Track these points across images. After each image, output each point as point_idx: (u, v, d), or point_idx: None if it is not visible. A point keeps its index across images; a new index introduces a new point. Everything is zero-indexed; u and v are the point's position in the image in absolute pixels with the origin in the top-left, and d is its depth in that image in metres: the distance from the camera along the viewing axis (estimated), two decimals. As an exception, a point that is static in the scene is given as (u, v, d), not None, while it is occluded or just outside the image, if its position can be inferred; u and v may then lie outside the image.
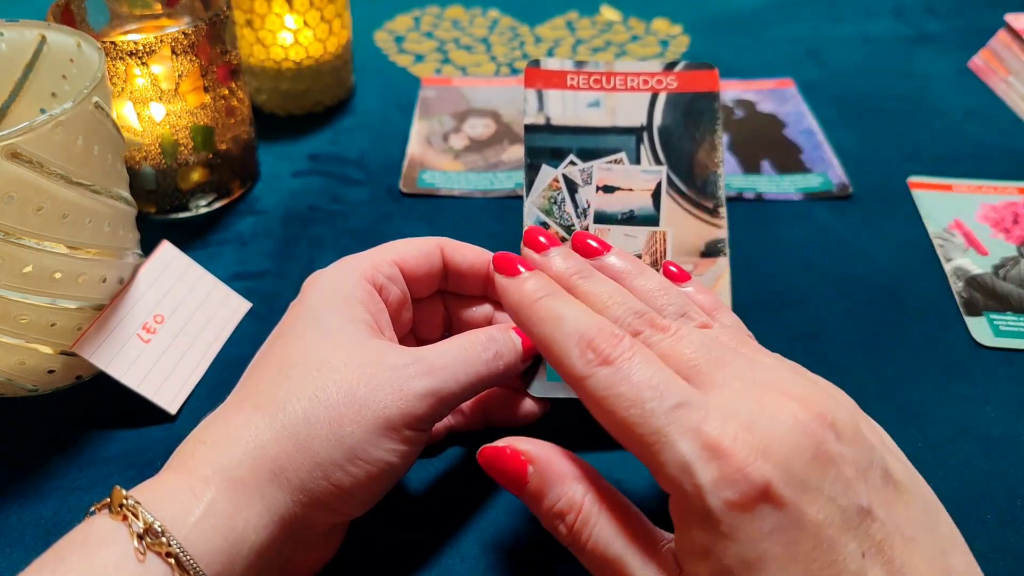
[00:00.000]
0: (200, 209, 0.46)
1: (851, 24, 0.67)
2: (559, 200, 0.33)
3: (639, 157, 0.34)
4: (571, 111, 0.35)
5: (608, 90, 0.35)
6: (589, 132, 0.34)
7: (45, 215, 0.29)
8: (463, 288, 0.33)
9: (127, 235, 0.35)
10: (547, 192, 0.33)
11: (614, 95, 0.35)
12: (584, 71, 0.35)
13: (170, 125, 0.42)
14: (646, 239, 0.33)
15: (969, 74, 0.60)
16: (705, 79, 0.36)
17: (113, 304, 0.34)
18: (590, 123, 0.34)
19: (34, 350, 0.32)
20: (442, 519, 0.31)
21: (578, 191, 0.33)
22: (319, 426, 0.24)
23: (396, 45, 0.65)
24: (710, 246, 0.34)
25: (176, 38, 0.39)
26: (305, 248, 0.44)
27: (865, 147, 0.52)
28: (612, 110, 0.35)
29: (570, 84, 0.35)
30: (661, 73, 0.36)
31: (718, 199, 0.34)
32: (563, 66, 0.35)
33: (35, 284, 0.31)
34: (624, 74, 0.35)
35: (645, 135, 0.34)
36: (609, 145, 0.34)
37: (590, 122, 0.34)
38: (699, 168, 0.34)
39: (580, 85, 0.35)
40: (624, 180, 0.34)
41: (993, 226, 0.45)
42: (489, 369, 0.28)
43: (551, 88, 0.35)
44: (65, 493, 0.32)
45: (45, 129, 0.28)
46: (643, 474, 0.32)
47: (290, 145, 0.52)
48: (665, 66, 0.36)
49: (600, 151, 0.34)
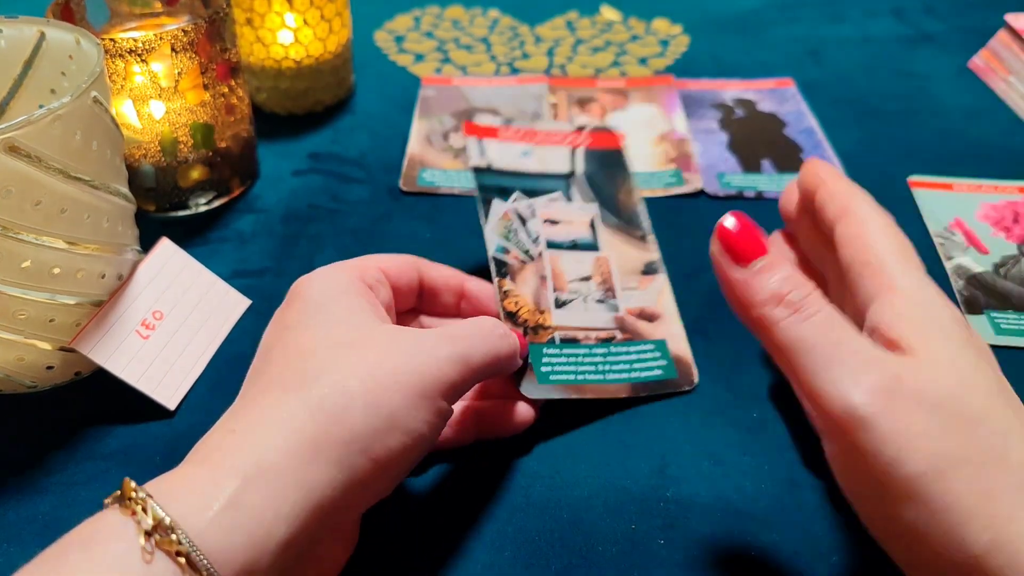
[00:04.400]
0: (200, 207, 0.46)
1: (851, 24, 0.67)
2: (513, 229, 0.37)
3: (571, 196, 0.39)
4: (508, 158, 0.40)
5: (535, 143, 0.41)
6: (527, 176, 0.39)
7: (44, 210, 0.29)
8: (437, 306, 0.34)
9: (126, 231, 0.34)
10: (502, 222, 0.37)
11: (541, 147, 0.40)
12: (512, 127, 0.41)
13: (170, 123, 0.42)
14: (592, 263, 0.37)
15: (969, 74, 0.60)
16: (611, 139, 0.43)
17: (112, 300, 0.34)
18: (526, 169, 0.39)
19: (33, 346, 0.32)
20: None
21: (527, 222, 0.38)
22: (356, 397, 0.24)
23: (396, 45, 0.65)
24: (647, 266, 0.39)
25: (176, 35, 0.39)
26: (305, 247, 0.44)
27: (865, 146, 0.51)
28: (542, 159, 0.40)
29: (502, 136, 0.40)
30: (574, 133, 0.42)
31: (644, 229, 0.40)
32: (494, 122, 0.41)
33: (34, 279, 0.30)
34: (545, 132, 0.41)
35: (572, 179, 0.40)
36: (545, 186, 0.39)
37: (526, 168, 0.39)
38: (623, 206, 0.40)
39: (511, 137, 0.40)
40: (563, 215, 0.38)
41: (993, 225, 0.45)
42: (503, 345, 0.29)
43: (488, 138, 0.40)
44: (63, 489, 0.31)
45: (44, 123, 0.28)
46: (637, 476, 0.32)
47: (290, 144, 0.52)
48: (576, 128, 0.42)
49: (539, 191, 0.39)
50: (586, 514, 0.30)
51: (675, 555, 0.29)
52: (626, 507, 0.30)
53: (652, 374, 0.35)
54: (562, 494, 0.31)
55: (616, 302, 0.36)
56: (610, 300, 0.36)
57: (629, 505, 0.31)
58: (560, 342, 0.34)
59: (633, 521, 0.30)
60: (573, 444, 0.33)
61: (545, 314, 0.35)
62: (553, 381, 0.33)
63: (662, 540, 0.29)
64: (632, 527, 0.30)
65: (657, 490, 0.31)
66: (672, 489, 0.31)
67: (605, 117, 0.54)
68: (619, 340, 0.35)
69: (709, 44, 0.64)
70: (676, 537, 0.29)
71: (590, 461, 0.32)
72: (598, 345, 0.34)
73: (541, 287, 0.36)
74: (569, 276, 0.36)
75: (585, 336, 0.35)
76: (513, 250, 0.36)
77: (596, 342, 0.35)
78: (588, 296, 0.36)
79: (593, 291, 0.36)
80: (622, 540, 0.29)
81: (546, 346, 0.34)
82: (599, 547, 0.29)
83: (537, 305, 0.35)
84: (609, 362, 0.34)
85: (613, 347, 0.35)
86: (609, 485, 0.31)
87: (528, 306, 0.35)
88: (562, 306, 0.36)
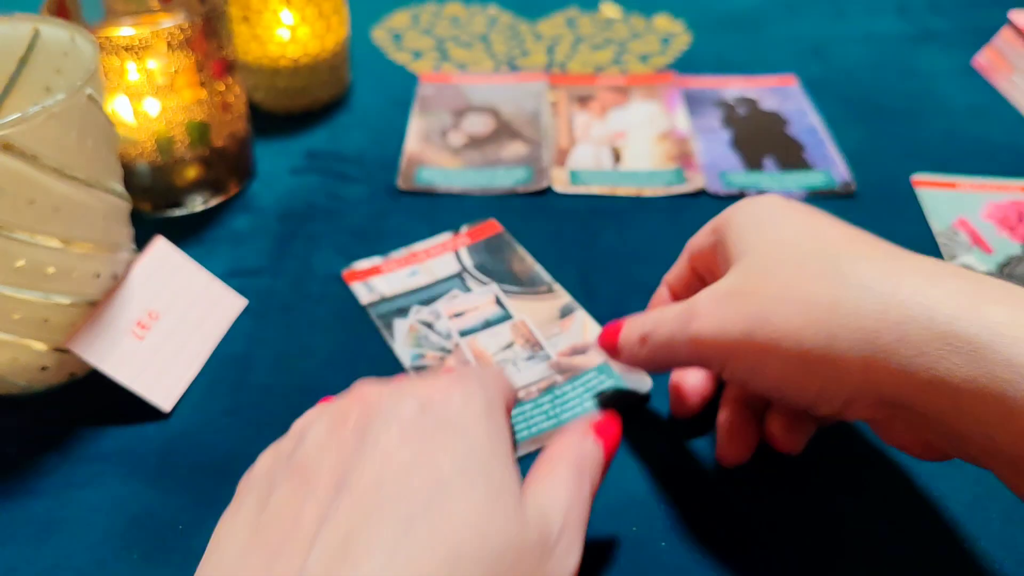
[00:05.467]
0: (196, 206, 0.45)
1: (854, 21, 0.67)
2: (423, 335, 0.38)
3: (468, 288, 0.40)
4: (397, 284, 0.41)
5: (419, 263, 0.42)
6: (420, 290, 0.40)
7: (38, 208, 0.29)
8: None
9: (121, 230, 0.34)
10: (410, 335, 0.38)
11: (425, 263, 0.42)
12: (391, 258, 0.42)
13: (165, 121, 0.41)
14: (510, 330, 0.38)
15: (974, 72, 0.59)
16: (489, 227, 0.44)
17: (107, 300, 0.34)
18: (418, 286, 0.41)
19: (27, 347, 0.32)
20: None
21: (434, 325, 0.38)
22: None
23: (394, 42, 0.64)
24: (563, 310, 0.39)
25: (172, 32, 0.39)
26: (302, 246, 0.43)
27: (869, 145, 0.51)
28: (429, 271, 0.41)
29: (385, 270, 0.41)
30: (452, 238, 0.43)
31: (547, 282, 0.41)
32: (372, 263, 0.42)
33: (28, 279, 0.30)
34: (425, 249, 0.43)
35: (464, 274, 0.41)
36: (441, 291, 0.40)
37: (417, 285, 0.41)
38: (519, 274, 0.41)
39: (394, 267, 0.42)
40: (467, 305, 0.39)
41: (998, 224, 0.44)
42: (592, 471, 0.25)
43: (372, 277, 0.41)
44: (58, 491, 0.31)
45: (38, 121, 0.27)
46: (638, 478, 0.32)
47: (287, 142, 0.52)
48: (453, 233, 0.44)
49: (435, 296, 0.40)
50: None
51: (677, 558, 0.29)
52: (627, 509, 0.30)
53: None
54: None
55: (545, 352, 0.37)
56: (538, 353, 0.37)
57: (630, 507, 0.30)
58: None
59: (634, 523, 0.30)
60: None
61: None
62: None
63: (664, 543, 0.29)
64: (633, 529, 0.30)
65: (659, 492, 0.31)
66: (674, 491, 0.31)
67: (605, 115, 0.54)
68: (561, 383, 0.35)
69: (711, 41, 0.64)
70: (678, 540, 0.29)
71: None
72: (542, 395, 0.35)
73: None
74: (492, 351, 0.37)
75: (527, 393, 0.35)
76: (429, 353, 0.37)
77: (539, 393, 0.35)
78: (516, 360, 0.37)
79: (520, 353, 0.37)
80: (623, 542, 0.29)
81: None
82: (600, 550, 0.29)
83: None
84: (557, 405, 0.34)
85: (557, 390, 0.35)
86: (610, 487, 0.31)
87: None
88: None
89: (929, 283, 0.24)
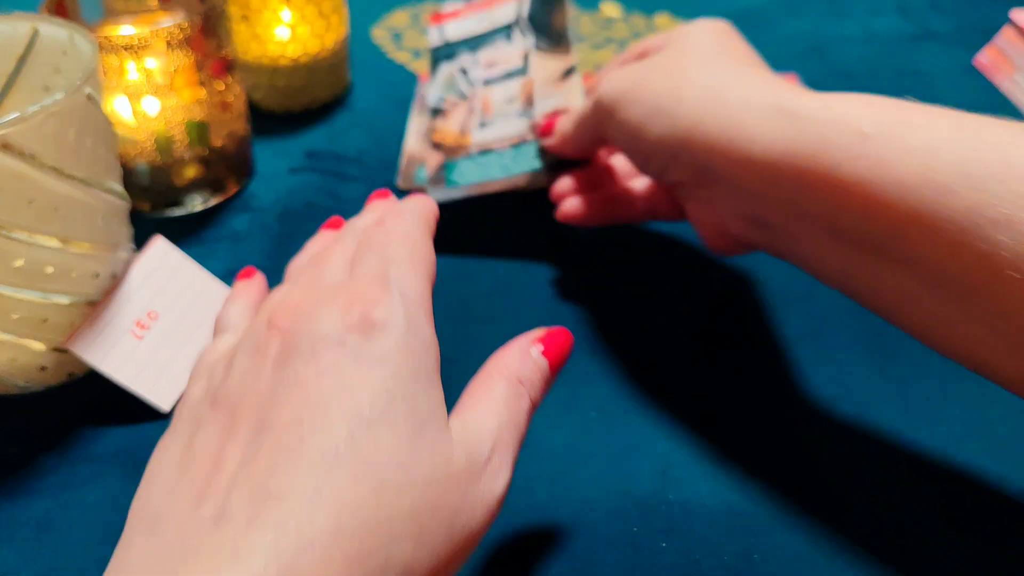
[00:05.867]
0: (195, 206, 0.45)
1: (855, 20, 0.67)
2: (455, 80, 0.44)
3: (511, 37, 0.45)
4: (464, 30, 0.46)
5: (489, 8, 0.47)
6: (476, 37, 0.46)
7: (36, 208, 0.29)
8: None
9: (120, 229, 0.34)
10: (445, 79, 0.44)
11: (493, 10, 0.47)
12: (472, 3, 0.48)
13: (164, 120, 0.41)
14: (519, 86, 0.43)
15: (975, 71, 0.59)
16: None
17: (106, 300, 0.33)
18: (476, 32, 0.46)
19: (26, 346, 0.32)
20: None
21: (468, 72, 0.44)
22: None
23: (394, 41, 0.64)
24: (566, 72, 0.43)
25: (171, 32, 0.38)
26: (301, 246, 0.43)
27: (869, 144, 0.51)
28: (492, 19, 0.46)
29: (463, 15, 0.47)
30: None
31: (568, 40, 0.44)
32: (456, 6, 0.48)
33: (26, 278, 0.30)
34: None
35: (516, 24, 0.46)
36: (491, 39, 0.45)
37: (477, 32, 0.46)
38: (554, 29, 0.45)
39: (469, 13, 0.47)
40: (501, 55, 0.45)
41: (999, 223, 0.44)
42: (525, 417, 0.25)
43: (449, 20, 0.47)
44: (57, 491, 0.31)
45: (37, 120, 0.27)
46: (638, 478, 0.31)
47: (286, 142, 0.52)
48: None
49: (484, 44, 0.45)
50: (587, 516, 0.30)
51: (677, 559, 0.29)
52: (627, 510, 0.30)
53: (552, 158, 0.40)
54: (563, 496, 0.31)
55: (532, 111, 0.41)
56: (527, 111, 0.41)
57: (631, 508, 0.30)
58: (476, 154, 0.41)
59: (635, 524, 0.30)
60: (574, 446, 0.33)
61: (466, 136, 0.41)
62: (459, 183, 0.40)
63: (664, 543, 0.29)
64: (634, 530, 0.29)
65: (659, 493, 0.31)
66: (674, 492, 0.31)
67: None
68: (529, 140, 0.40)
69: (711, 41, 0.64)
70: (678, 540, 0.29)
71: (591, 463, 0.32)
72: (509, 148, 0.40)
73: (468, 118, 0.42)
74: (497, 103, 0.42)
75: (500, 145, 0.40)
76: (450, 96, 0.43)
77: (509, 147, 0.40)
78: (509, 114, 0.41)
79: (516, 109, 0.41)
80: (623, 543, 0.29)
81: (461, 160, 0.40)
82: (600, 550, 0.29)
83: (461, 132, 0.42)
84: (516, 159, 0.39)
85: (524, 146, 0.40)
86: (610, 487, 0.31)
87: (452, 134, 0.42)
88: (484, 127, 0.42)
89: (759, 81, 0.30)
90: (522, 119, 0.40)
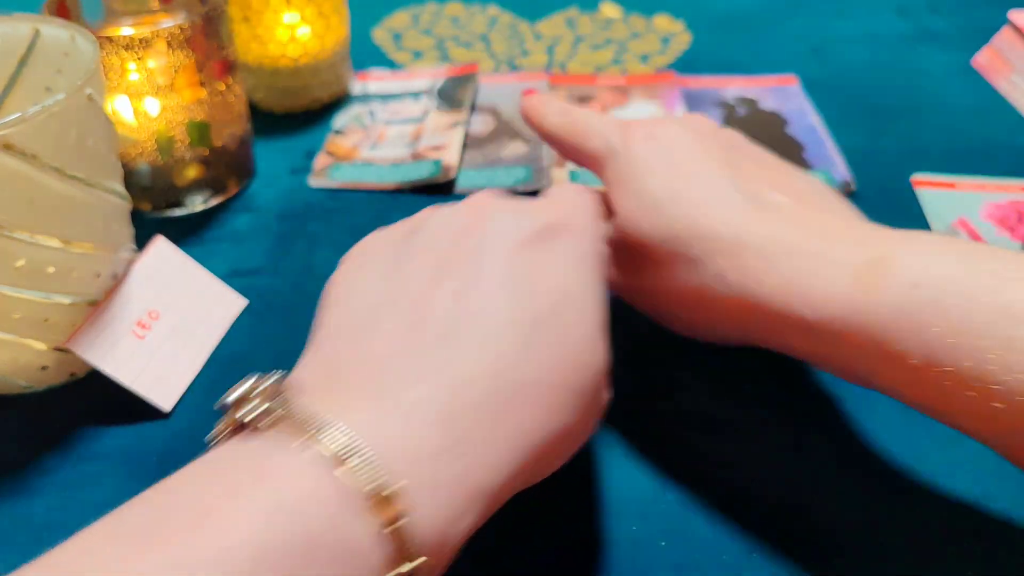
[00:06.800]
0: (196, 206, 0.45)
1: (855, 21, 0.67)
2: (359, 116, 0.53)
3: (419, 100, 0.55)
4: (384, 87, 0.57)
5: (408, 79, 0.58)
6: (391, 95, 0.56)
7: (38, 208, 0.29)
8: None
9: (121, 229, 0.34)
10: (356, 115, 0.53)
11: (411, 80, 0.57)
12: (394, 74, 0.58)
13: (165, 120, 0.41)
14: (413, 127, 0.52)
15: (973, 72, 0.59)
16: (468, 69, 0.58)
17: (107, 300, 0.33)
18: (393, 91, 0.56)
19: (27, 346, 0.32)
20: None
21: (375, 114, 0.53)
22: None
23: (394, 42, 0.64)
24: (455, 124, 0.52)
25: (172, 32, 0.39)
26: (302, 245, 0.43)
27: (868, 144, 0.51)
28: (407, 87, 0.56)
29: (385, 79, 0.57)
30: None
31: (465, 107, 0.53)
32: (382, 73, 0.58)
33: (28, 279, 0.30)
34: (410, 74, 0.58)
35: (425, 94, 0.55)
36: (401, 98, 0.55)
37: (393, 91, 0.56)
38: (456, 100, 0.54)
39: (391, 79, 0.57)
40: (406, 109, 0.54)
41: (998, 224, 0.44)
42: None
43: (372, 80, 0.57)
44: (58, 491, 0.31)
45: (38, 120, 0.27)
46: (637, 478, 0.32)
47: (287, 142, 0.52)
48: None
49: (396, 99, 0.55)
50: (586, 516, 0.30)
51: (677, 558, 0.29)
52: (627, 509, 0.30)
53: (421, 174, 0.47)
54: (562, 496, 0.31)
55: (417, 144, 0.49)
56: (413, 144, 0.49)
57: (630, 507, 0.30)
58: (361, 163, 0.48)
59: (634, 523, 0.30)
60: (573, 445, 0.33)
61: (355, 151, 0.49)
62: (338, 178, 0.47)
63: (663, 543, 0.29)
64: (633, 529, 0.30)
65: (658, 492, 0.31)
66: (673, 491, 0.31)
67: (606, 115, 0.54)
68: (408, 162, 0.48)
69: (711, 41, 0.64)
70: (678, 540, 0.29)
71: (590, 463, 0.32)
72: (390, 165, 0.48)
73: (363, 141, 0.50)
74: (390, 136, 0.50)
75: (382, 160, 0.48)
76: (352, 125, 0.52)
77: (389, 165, 0.47)
78: (398, 144, 0.49)
79: (404, 141, 0.49)
80: (623, 542, 0.29)
81: (348, 164, 0.48)
82: (599, 550, 0.29)
83: (352, 147, 0.50)
84: (391, 173, 0.47)
85: (402, 165, 0.47)
86: (610, 487, 0.31)
87: (345, 148, 0.50)
88: (374, 148, 0.49)
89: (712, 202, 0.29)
90: (406, 148, 0.49)
